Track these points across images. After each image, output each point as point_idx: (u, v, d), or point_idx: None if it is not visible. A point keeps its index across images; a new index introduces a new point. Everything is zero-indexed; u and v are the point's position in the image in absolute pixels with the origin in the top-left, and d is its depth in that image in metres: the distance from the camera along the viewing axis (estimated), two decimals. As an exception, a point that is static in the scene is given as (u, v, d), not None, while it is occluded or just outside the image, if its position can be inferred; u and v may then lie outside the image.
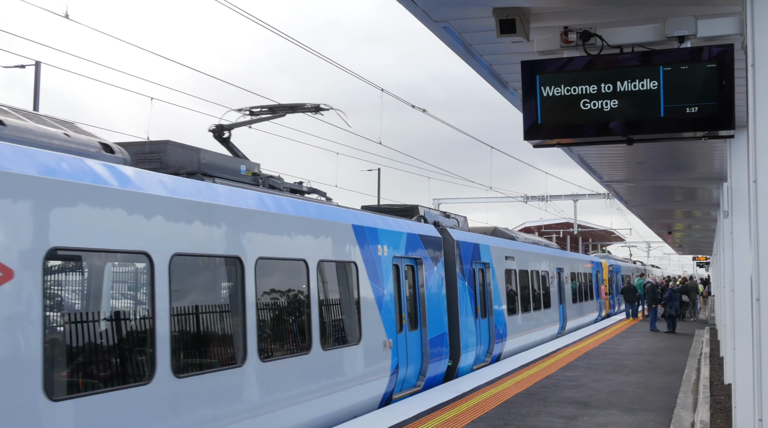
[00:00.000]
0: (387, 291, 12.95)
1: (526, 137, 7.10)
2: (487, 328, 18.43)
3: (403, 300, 13.78)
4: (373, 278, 12.58)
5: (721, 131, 6.68)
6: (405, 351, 13.65)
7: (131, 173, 7.68)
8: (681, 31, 6.62)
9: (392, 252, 13.34)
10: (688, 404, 13.33)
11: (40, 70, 24.40)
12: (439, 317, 15.10)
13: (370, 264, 12.50)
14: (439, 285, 15.35)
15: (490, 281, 18.85)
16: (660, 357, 20.29)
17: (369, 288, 12.40)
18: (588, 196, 42.67)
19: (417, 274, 14.49)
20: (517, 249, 22.31)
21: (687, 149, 13.88)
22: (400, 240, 13.77)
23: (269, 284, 9.70)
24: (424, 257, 14.64)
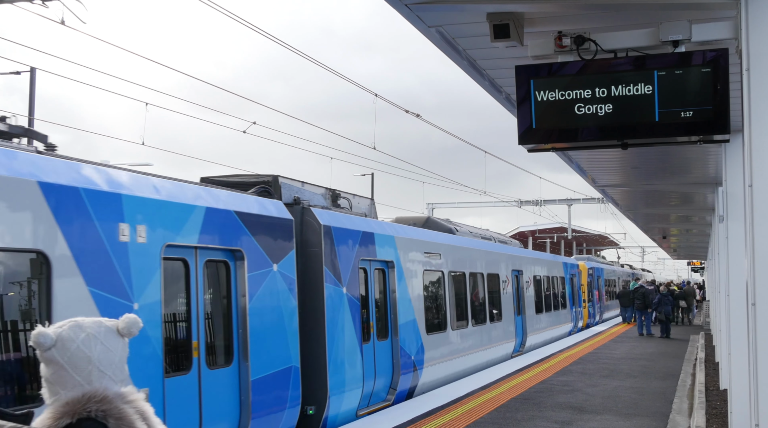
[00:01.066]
0: (143, 303, 7.75)
1: (520, 142, 7.08)
2: (388, 354, 13.37)
3: (193, 320, 8.64)
4: (93, 281, 7.21)
5: (716, 135, 6.67)
6: (196, 406, 8.57)
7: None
8: (675, 36, 6.61)
9: (162, 237, 8.17)
10: (684, 409, 13.31)
11: (35, 76, 24.33)
12: (278, 344, 10.03)
13: (84, 257, 7.15)
14: (281, 293, 10.16)
15: (394, 286, 13.73)
16: (655, 362, 20.28)
17: (76, 293, 7.05)
18: (582, 201, 42.66)
19: (228, 276, 9.39)
20: (446, 244, 17.07)
21: (682, 153, 13.88)
22: (185, 219, 8.57)
23: None
24: (247, 248, 9.49)
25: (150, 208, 8.07)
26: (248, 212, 9.75)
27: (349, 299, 11.93)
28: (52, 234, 6.87)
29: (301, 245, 11.23)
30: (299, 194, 11.91)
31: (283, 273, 10.27)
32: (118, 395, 2.55)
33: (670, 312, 29.93)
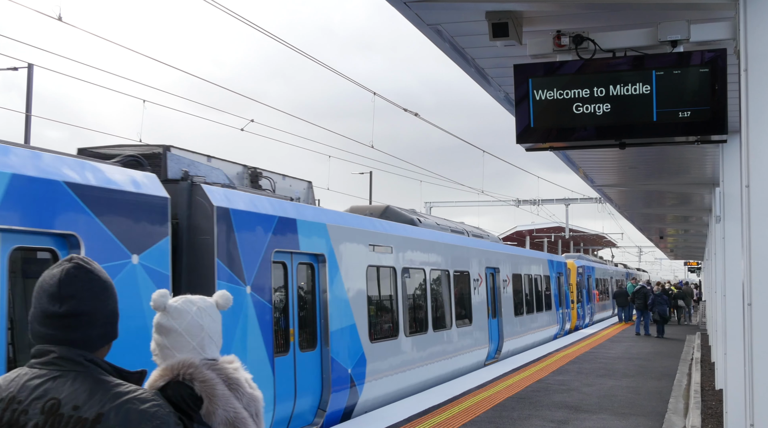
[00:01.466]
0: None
1: (518, 141, 7.09)
2: (315, 368, 10.98)
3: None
4: None
5: (713, 136, 6.68)
6: None
7: None
8: (674, 36, 6.62)
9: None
10: (679, 409, 13.33)
11: (32, 72, 24.32)
12: (128, 360, 5.60)
13: None
14: (142, 293, 7.68)
15: (325, 285, 11.32)
16: (651, 362, 20.31)
17: None
18: (580, 201, 42.71)
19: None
20: (400, 237, 14.31)
21: (679, 154, 13.90)
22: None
23: None
24: (86, 233, 7.13)
25: None
26: (91, 185, 7.32)
27: (254, 301, 9.56)
28: None
29: (187, 232, 8.88)
30: (194, 170, 9.53)
31: (149, 266, 7.88)
32: (206, 363, 2.99)
33: (666, 312, 30.00)
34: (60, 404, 2.42)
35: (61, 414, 2.40)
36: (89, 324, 2.56)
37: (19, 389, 2.47)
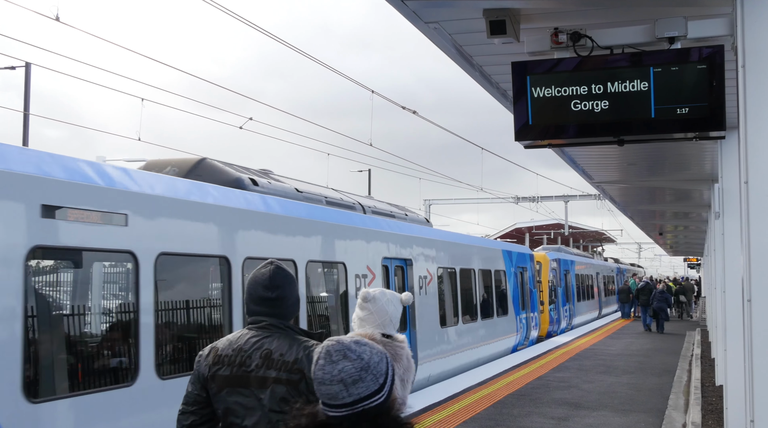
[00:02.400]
0: None
1: (517, 138, 7.08)
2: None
3: None
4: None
5: (711, 132, 6.67)
6: None
7: None
8: (671, 32, 6.61)
9: None
10: (680, 405, 13.34)
11: (30, 71, 24.30)
12: None
13: None
14: None
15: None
16: (651, 358, 20.32)
17: None
18: (579, 197, 42.69)
19: None
20: (141, 196, 8.06)
21: (678, 150, 13.89)
22: None
23: None
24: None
25: None
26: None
27: None
28: None
29: None
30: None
31: None
32: (383, 339, 4.41)
33: (665, 310, 30.20)
34: (271, 352, 3.68)
35: (272, 358, 3.65)
36: (286, 304, 3.83)
37: (243, 343, 3.74)
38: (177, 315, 8.76)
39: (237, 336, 3.78)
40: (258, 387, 3.61)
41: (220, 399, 3.67)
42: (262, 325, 3.76)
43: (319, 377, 2.75)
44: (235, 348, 3.72)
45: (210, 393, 3.72)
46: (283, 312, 3.81)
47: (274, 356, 3.64)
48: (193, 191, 9.05)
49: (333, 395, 2.71)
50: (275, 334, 3.73)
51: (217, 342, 3.84)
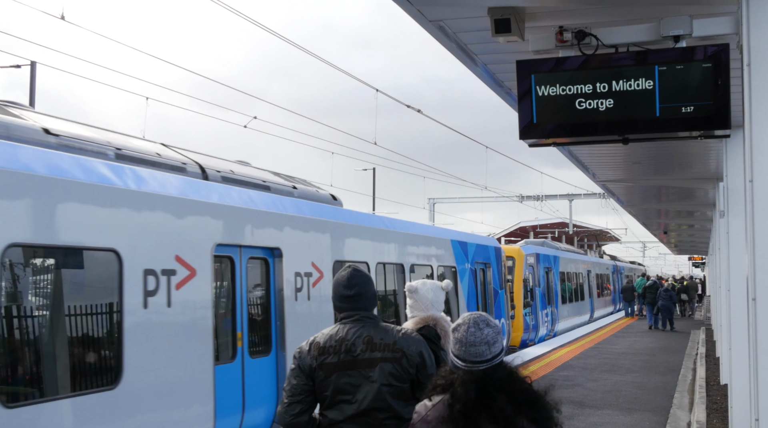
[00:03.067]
0: None
1: (521, 137, 7.09)
2: None
3: None
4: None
5: (716, 131, 6.67)
6: None
7: None
8: (676, 31, 6.61)
9: None
10: (684, 404, 13.34)
11: (35, 69, 24.36)
12: None
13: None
14: None
15: None
16: (656, 357, 20.30)
17: None
18: (583, 196, 42.63)
19: None
20: None
21: (682, 149, 13.87)
22: None
23: None
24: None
25: None
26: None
27: None
28: None
29: None
30: None
31: None
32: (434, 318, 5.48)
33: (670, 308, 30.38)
34: (372, 338, 4.48)
35: (374, 343, 4.46)
36: (365, 299, 4.63)
37: (344, 334, 4.49)
38: None
39: (335, 330, 4.56)
40: (365, 367, 4.40)
41: (330, 382, 4.41)
42: (355, 318, 4.58)
43: (470, 340, 3.71)
44: (337, 339, 4.48)
45: (316, 380, 4.43)
46: (365, 306, 4.64)
47: (375, 341, 4.47)
48: None
49: (479, 353, 3.70)
50: (368, 324, 4.56)
51: (314, 338, 4.56)
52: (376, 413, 4.35)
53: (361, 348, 4.44)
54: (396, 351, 4.44)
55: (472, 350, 3.69)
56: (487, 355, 3.69)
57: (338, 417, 4.40)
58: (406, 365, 4.43)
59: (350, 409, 4.38)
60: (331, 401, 4.42)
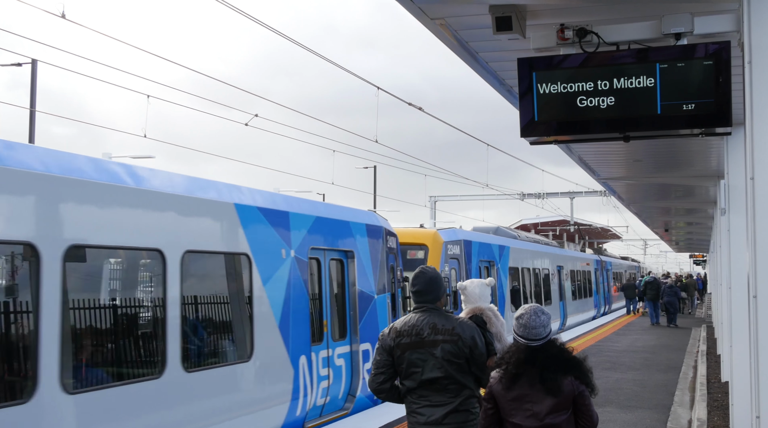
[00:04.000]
0: None
1: (522, 134, 7.09)
2: None
3: None
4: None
5: (718, 128, 6.67)
6: None
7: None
8: (677, 28, 6.61)
9: None
10: (685, 401, 13.35)
11: (36, 68, 24.38)
12: None
13: None
14: None
15: None
16: (657, 354, 20.31)
17: None
18: (585, 194, 42.60)
19: None
20: None
21: (684, 146, 13.87)
22: None
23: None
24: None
25: None
26: None
27: None
28: None
29: None
30: None
31: None
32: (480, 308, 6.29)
33: (675, 304, 31.04)
34: (436, 324, 5.60)
35: (437, 328, 5.58)
36: (427, 293, 5.75)
37: (415, 321, 5.65)
38: None
39: (408, 318, 5.77)
40: (430, 347, 5.56)
41: (404, 358, 5.61)
42: (423, 309, 5.75)
43: (531, 324, 5.01)
44: (410, 325, 5.68)
45: (394, 356, 5.65)
46: (429, 299, 5.77)
47: (438, 326, 5.61)
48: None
49: (538, 333, 5.00)
50: (433, 313, 5.71)
51: (393, 324, 5.82)
52: (441, 380, 5.54)
53: (427, 332, 5.60)
54: (454, 335, 5.58)
55: (533, 331, 5.01)
56: (542, 335, 5.01)
57: (412, 384, 5.63)
58: (461, 346, 5.55)
59: (420, 378, 5.57)
60: (406, 372, 5.64)
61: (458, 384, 5.56)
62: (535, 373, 4.89)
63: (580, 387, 4.92)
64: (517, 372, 4.92)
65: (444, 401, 5.55)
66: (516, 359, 4.95)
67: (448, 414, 5.53)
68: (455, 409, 5.53)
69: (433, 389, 5.56)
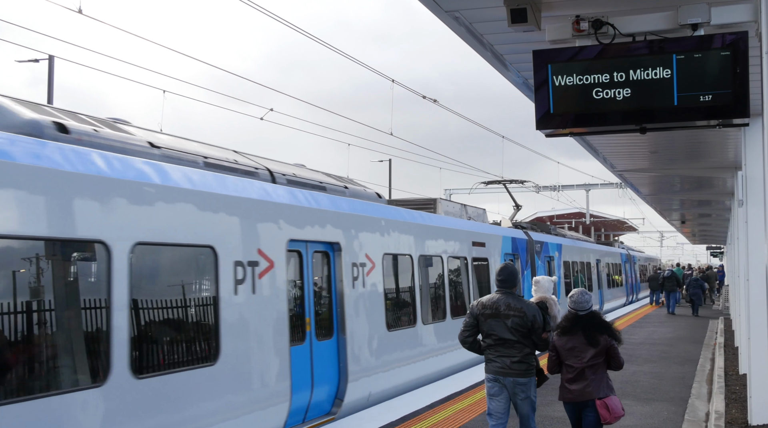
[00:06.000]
0: None
1: (538, 127, 7.08)
2: None
3: None
4: None
5: (735, 119, 6.63)
6: None
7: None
8: (694, 19, 6.57)
9: None
10: (703, 394, 13.29)
11: (53, 63, 24.50)
12: None
13: None
14: None
15: None
16: (674, 347, 20.23)
17: None
18: (600, 186, 42.45)
19: None
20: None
21: (700, 138, 13.79)
22: None
23: None
24: None
25: None
26: None
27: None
28: None
29: None
30: None
31: None
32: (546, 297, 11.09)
33: (699, 295, 32.51)
34: (510, 303, 7.82)
35: (510, 305, 7.80)
36: (509, 281, 8.01)
37: (496, 299, 7.90)
38: None
39: (492, 296, 8.02)
40: (504, 318, 7.81)
41: (486, 324, 7.89)
42: (502, 291, 8.00)
43: (579, 300, 7.67)
44: (492, 301, 7.92)
45: (479, 321, 7.94)
46: (508, 285, 8.03)
47: (511, 305, 7.83)
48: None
49: (583, 306, 7.66)
50: (509, 295, 7.96)
51: (480, 299, 8.08)
52: (510, 341, 7.81)
53: (503, 308, 7.83)
54: (521, 312, 7.79)
55: (580, 305, 7.73)
56: (586, 307, 7.74)
57: (491, 342, 7.91)
58: (525, 320, 7.77)
59: (496, 338, 7.86)
60: (486, 334, 7.94)
61: (521, 344, 7.78)
62: (581, 332, 7.58)
63: (611, 341, 7.61)
64: (569, 328, 7.66)
65: (511, 354, 7.80)
66: (569, 321, 7.70)
67: (513, 363, 7.80)
68: (519, 360, 7.80)
69: (505, 346, 7.82)
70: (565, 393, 7.72)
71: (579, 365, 7.49)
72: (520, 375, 7.79)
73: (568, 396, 7.68)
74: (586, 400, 7.57)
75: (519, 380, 7.80)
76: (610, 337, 7.56)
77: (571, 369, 7.58)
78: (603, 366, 7.61)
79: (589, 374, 7.52)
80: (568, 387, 7.67)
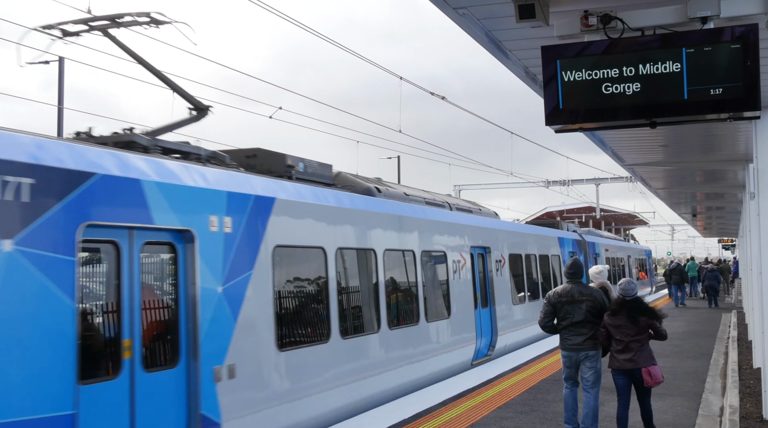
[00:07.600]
0: None
1: (547, 122, 7.05)
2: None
3: None
4: None
5: (746, 112, 6.60)
6: None
7: None
8: (703, 12, 6.53)
9: None
10: (717, 388, 13.25)
11: (63, 65, 24.59)
12: None
13: None
14: None
15: None
16: (687, 341, 20.16)
17: None
18: (610, 180, 42.32)
19: None
20: None
21: (711, 131, 13.72)
22: None
23: None
24: None
25: None
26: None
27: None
28: None
29: None
30: None
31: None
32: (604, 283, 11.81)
33: (716, 287, 33.70)
34: (582, 290, 9.75)
35: (582, 292, 9.73)
36: (578, 274, 9.93)
37: (570, 288, 9.79)
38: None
39: (565, 286, 9.81)
40: (577, 303, 9.58)
41: (561, 309, 9.65)
42: (574, 281, 9.78)
43: (627, 288, 9.53)
44: (566, 290, 9.70)
45: (556, 307, 9.70)
46: (578, 276, 9.82)
47: (583, 292, 9.65)
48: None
49: (629, 293, 9.51)
50: (579, 284, 9.75)
51: (555, 289, 9.90)
52: (583, 322, 9.57)
53: (576, 294, 9.62)
54: (591, 297, 9.63)
55: (628, 292, 9.47)
56: (632, 294, 9.48)
57: (567, 323, 9.66)
58: (594, 303, 9.59)
59: (572, 320, 9.62)
60: (562, 317, 9.67)
61: (591, 323, 9.54)
62: (626, 313, 9.31)
63: (652, 321, 9.36)
64: (617, 310, 9.38)
65: (584, 332, 9.58)
66: (617, 305, 9.43)
67: (585, 340, 9.58)
68: (589, 337, 9.57)
69: (578, 326, 9.58)
70: (613, 361, 9.47)
71: (626, 339, 9.26)
72: (590, 349, 9.60)
73: (616, 364, 9.44)
74: (632, 368, 9.33)
75: (589, 353, 9.61)
76: (650, 318, 9.35)
77: (620, 342, 9.32)
78: (646, 340, 9.35)
79: (634, 346, 9.27)
80: (616, 356, 9.40)
